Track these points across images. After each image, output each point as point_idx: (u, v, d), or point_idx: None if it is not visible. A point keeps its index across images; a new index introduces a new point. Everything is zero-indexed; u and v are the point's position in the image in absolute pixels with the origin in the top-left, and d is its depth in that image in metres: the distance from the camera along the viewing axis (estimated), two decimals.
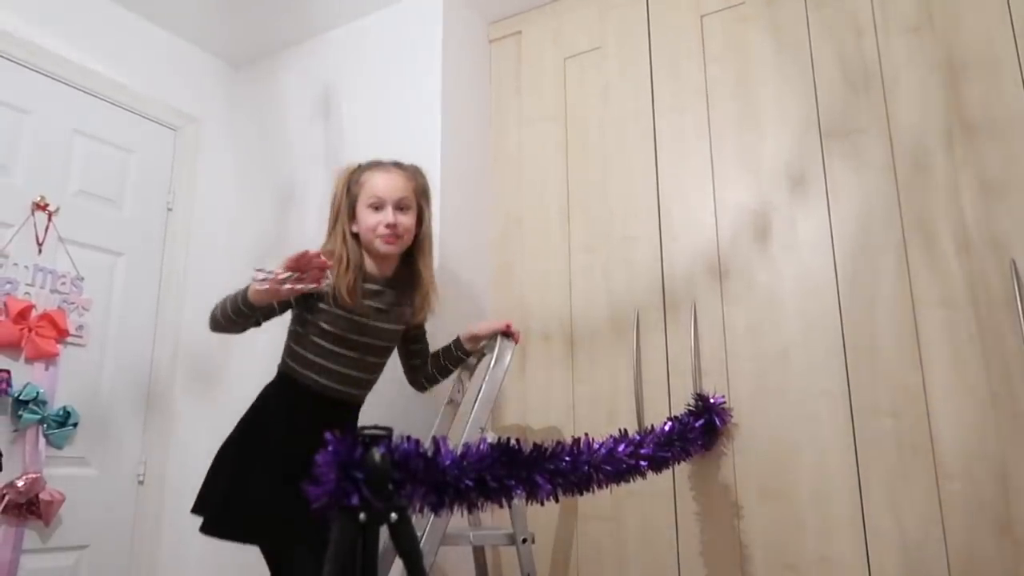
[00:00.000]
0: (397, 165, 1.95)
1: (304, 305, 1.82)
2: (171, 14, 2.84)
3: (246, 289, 1.68)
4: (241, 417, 1.86)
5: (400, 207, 1.89)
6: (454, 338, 2.08)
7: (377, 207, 1.87)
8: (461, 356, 2.08)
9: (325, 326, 1.82)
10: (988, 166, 1.89)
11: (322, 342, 1.82)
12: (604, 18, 2.57)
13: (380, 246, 1.87)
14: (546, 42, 2.68)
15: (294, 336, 1.87)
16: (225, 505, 1.76)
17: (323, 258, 1.61)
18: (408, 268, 1.97)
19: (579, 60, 2.60)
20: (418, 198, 1.95)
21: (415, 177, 1.96)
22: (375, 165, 1.94)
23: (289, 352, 1.87)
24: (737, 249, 2.18)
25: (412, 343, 2.08)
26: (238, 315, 1.72)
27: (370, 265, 1.90)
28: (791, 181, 2.14)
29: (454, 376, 2.15)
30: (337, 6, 2.78)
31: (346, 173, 1.95)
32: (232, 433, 1.85)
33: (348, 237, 1.87)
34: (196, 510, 1.81)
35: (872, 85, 2.08)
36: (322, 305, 1.81)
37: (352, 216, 1.90)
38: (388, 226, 1.85)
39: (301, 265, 1.59)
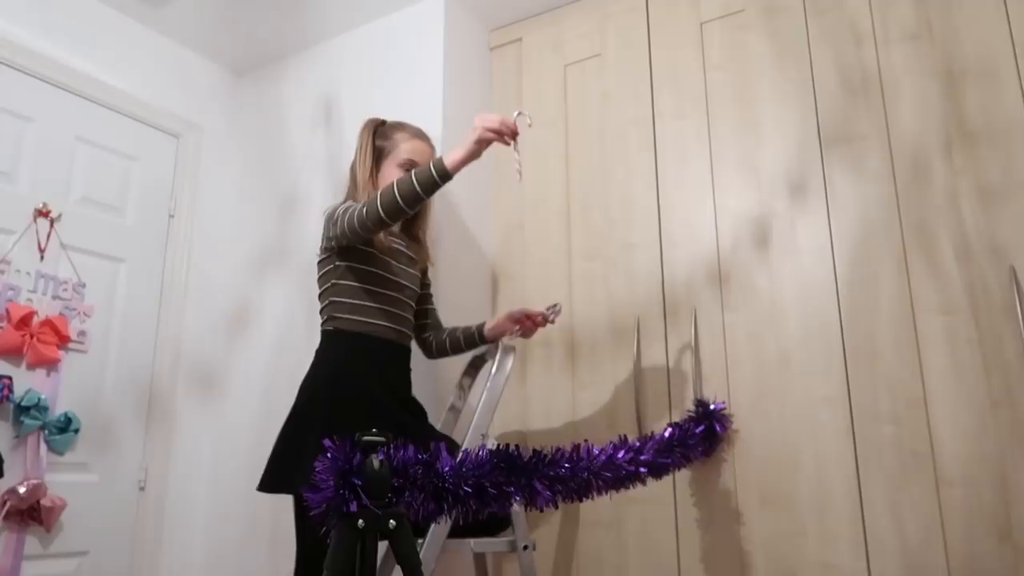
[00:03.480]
0: (426, 134, 2.09)
1: (345, 252, 1.90)
2: (174, 22, 2.85)
3: (432, 162, 1.67)
4: (303, 387, 1.87)
5: None
6: (481, 324, 2.10)
7: (408, 170, 1.93)
8: (478, 341, 2.10)
9: (363, 267, 1.90)
10: (987, 173, 1.90)
11: (363, 285, 1.90)
12: (604, 25, 2.58)
13: None
14: (546, 49, 2.69)
15: (335, 290, 1.91)
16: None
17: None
18: (405, 223, 2.07)
19: (579, 67, 2.60)
20: None
21: (434, 149, 2.10)
22: (406, 128, 2.06)
23: (335, 307, 1.91)
24: (737, 256, 2.18)
25: (420, 302, 2.14)
26: (429, 189, 1.69)
27: None
28: (791, 188, 2.15)
29: (455, 383, 2.16)
30: (339, 14, 2.79)
31: (371, 126, 2.06)
32: (301, 404, 1.85)
33: (369, 187, 1.99)
34: (274, 485, 1.79)
35: (872, 92, 2.08)
36: (360, 247, 1.89)
37: (374, 169, 2.01)
38: None
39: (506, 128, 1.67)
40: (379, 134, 2.05)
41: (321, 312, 1.95)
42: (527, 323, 2.03)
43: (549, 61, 2.67)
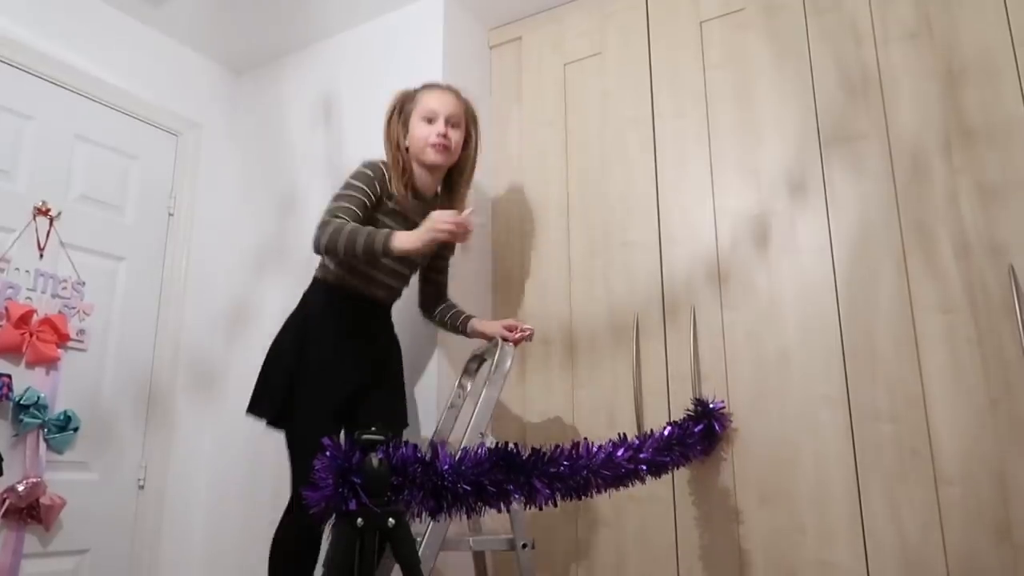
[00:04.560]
0: (450, 87, 2.09)
1: (372, 215, 1.94)
2: (173, 20, 2.85)
3: (385, 237, 1.78)
4: (286, 321, 2.01)
5: (451, 123, 2.02)
6: (469, 316, 2.15)
7: (430, 120, 2.00)
8: (460, 332, 2.16)
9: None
10: (986, 172, 1.90)
11: None
12: (604, 24, 2.58)
13: (431, 155, 1.99)
14: (546, 48, 2.69)
15: None
16: (286, 393, 1.90)
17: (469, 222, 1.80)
18: (447, 191, 2.12)
19: (579, 66, 2.60)
20: (467, 120, 2.08)
21: (466, 101, 2.10)
22: (430, 85, 2.09)
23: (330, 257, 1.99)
24: (737, 254, 2.18)
25: (433, 271, 2.20)
26: (369, 257, 1.83)
27: (418, 179, 2.04)
28: (790, 187, 2.15)
29: (455, 382, 2.16)
30: (339, 12, 2.79)
31: (399, 95, 2.08)
32: (280, 336, 1.99)
33: (401, 149, 2.02)
34: (255, 408, 1.95)
35: (871, 91, 2.08)
36: (384, 218, 1.95)
37: (404, 132, 2.03)
38: (440, 135, 1.98)
39: (461, 227, 1.78)
40: (406, 99, 2.07)
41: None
42: (508, 334, 2.06)
43: (549, 60, 2.67)
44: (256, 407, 1.95)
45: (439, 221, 1.76)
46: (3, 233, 2.33)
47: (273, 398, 1.92)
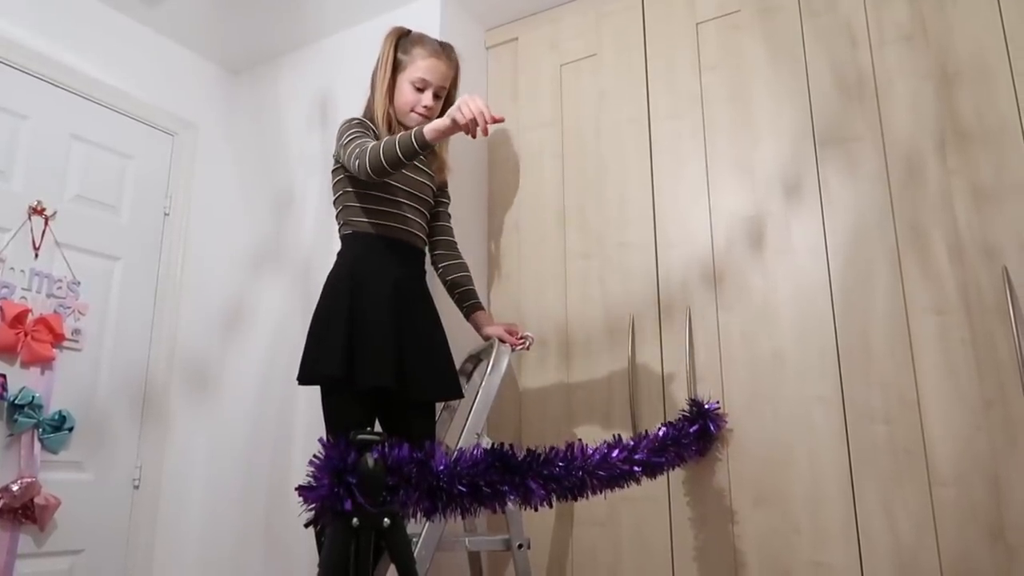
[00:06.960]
0: (445, 49, 2.11)
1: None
2: (169, 20, 2.85)
3: (415, 133, 1.74)
4: (325, 283, 1.97)
5: (437, 94, 2.07)
6: (476, 304, 2.16)
7: (420, 88, 2.06)
8: (462, 312, 2.18)
9: None
10: (980, 174, 1.91)
11: (368, 191, 1.97)
12: (600, 25, 2.59)
13: (412, 120, 2.05)
14: (543, 49, 2.69)
15: (345, 197, 2.01)
16: (348, 354, 1.83)
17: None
18: None
19: (575, 67, 2.61)
20: (454, 79, 2.14)
21: (456, 65, 2.14)
22: (426, 43, 2.10)
23: (347, 212, 2.01)
24: (732, 255, 2.19)
25: (434, 218, 2.20)
26: (410, 156, 1.77)
27: (397, 131, 2.05)
28: (786, 188, 2.15)
29: None
30: (335, 13, 2.79)
31: (393, 37, 2.11)
32: (323, 298, 1.94)
33: (392, 105, 2.07)
34: (309, 376, 1.88)
35: (866, 93, 2.09)
36: None
37: (392, 84, 2.08)
38: (426, 107, 2.05)
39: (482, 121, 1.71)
40: (400, 46, 2.09)
41: (337, 219, 2.03)
42: (508, 337, 2.07)
43: (545, 61, 2.68)
44: (315, 367, 1.85)
45: (465, 102, 1.68)
46: None
47: (333, 355, 1.81)
